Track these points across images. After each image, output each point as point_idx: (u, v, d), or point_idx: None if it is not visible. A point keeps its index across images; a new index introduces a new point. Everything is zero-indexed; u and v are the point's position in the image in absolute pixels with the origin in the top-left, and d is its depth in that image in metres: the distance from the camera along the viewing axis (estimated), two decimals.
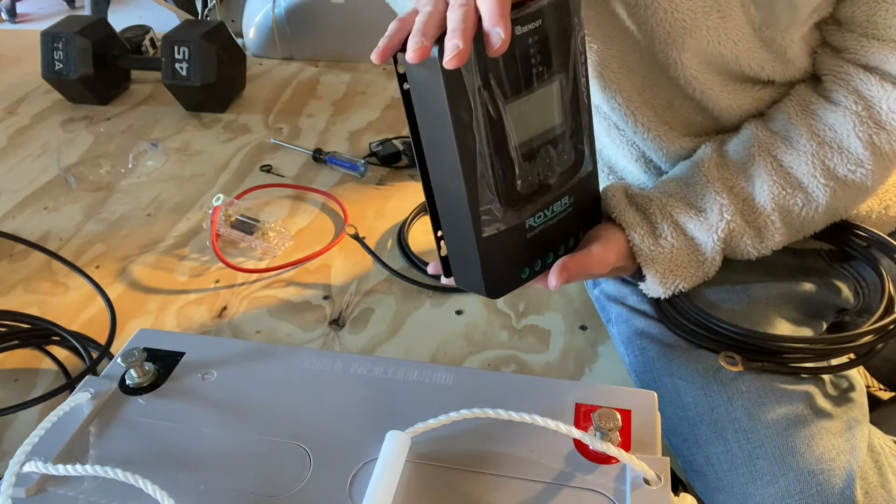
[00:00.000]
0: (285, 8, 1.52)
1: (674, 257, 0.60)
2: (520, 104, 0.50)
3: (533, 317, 0.84)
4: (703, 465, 0.58)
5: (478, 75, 0.47)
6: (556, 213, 0.56)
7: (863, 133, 0.57)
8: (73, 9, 2.42)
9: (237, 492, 0.45)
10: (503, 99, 0.49)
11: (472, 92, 0.47)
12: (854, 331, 0.59)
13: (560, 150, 0.54)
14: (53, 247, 0.99)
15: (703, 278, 0.61)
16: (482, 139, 0.49)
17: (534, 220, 0.54)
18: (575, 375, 0.76)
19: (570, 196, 0.57)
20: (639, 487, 0.43)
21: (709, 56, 0.59)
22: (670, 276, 0.60)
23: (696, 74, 0.60)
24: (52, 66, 1.35)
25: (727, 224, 0.59)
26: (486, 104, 0.48)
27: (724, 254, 0.61)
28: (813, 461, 0.53)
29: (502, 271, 0.55)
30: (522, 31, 0.48)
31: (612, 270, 0.61)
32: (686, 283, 0.61)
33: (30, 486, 0.45)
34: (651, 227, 0.60)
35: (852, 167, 0.57)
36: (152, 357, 0.55)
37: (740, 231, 0.59)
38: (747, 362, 0.58)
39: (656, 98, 0.64)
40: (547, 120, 0.53)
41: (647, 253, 0.59)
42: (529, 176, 0.53)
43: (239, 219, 0.98)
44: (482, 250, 0.52)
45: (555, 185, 0.55)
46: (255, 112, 1.36)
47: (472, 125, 0.48)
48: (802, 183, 0.58)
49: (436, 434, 0.47)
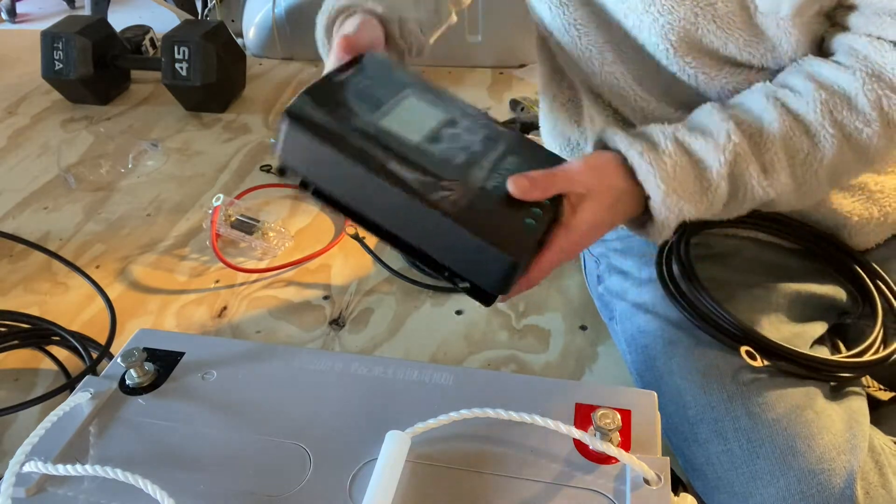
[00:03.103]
0: (285, 8, 1.52)
1: (677, 174, 0.54)
2: (390, 117, 0.53)
3: (533, 317, 0.84)
4: (704, 465, 0.58)
5: (327, 113, 0.51)
6: (511, 170, 0.54)
7: (871, 93, 0.55)
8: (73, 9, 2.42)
9: (237, 492, 0.45)
10: (371, 117, 0.52)
11: (333, 125, 0.50)
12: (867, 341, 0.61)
13: (465, 126, 0.56)
14: (53, 247, 0.99)
15: (708, 209, 0.57)
16: (379, 152, 0.50)
17: (491, 181, 0.52)
18: (575, 375, 0.76)
19: (512, 155, 0.55)
20: (639, 487, 0.43)
21: (698, 43, 0.60)
22: (674, 195, 0.54)
23: (689, 60, 0.61)
24: (52, 66, 1.35)
25: (734, 146, 0.55)
26: (357, 128, 0.51)
27: (730, 184, 0.56)
28: (813, 461, 0.53)
29: (504, 232, 0.50)
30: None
31: (602, 212, 0.55)
32: (692, 207, 0.55)
33: (30, 486, 0.45)
34: (652, 145, 0.55)
35: (860, 125, 0.56)
36: (152, 357, 0.55)
37: (746, 158, 0.55)
38: (767, 360, 0.58)
39: (655, 86, 0.65)
40: (428, 117, 0.55)
41: (646, 168, 0.54)
42: (450, 152, 0.53)
43: (239, 219, 0.98)
44: (467, 224, 0.49)
45: (485, 149, 0.54)
46: (255, 112, 1.36)
47: (359, 148, 0.50)
48: (810, 129, 0.56)
49: (436, 434, 0.47)
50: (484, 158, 0.54)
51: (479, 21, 1.46)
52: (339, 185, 0.51)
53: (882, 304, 0.65)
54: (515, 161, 0.55)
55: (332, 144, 0.50)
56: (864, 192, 0.67)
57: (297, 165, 0.52)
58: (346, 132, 0.51)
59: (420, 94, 0.57)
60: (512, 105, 1.29)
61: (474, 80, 1.44)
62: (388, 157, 0.50)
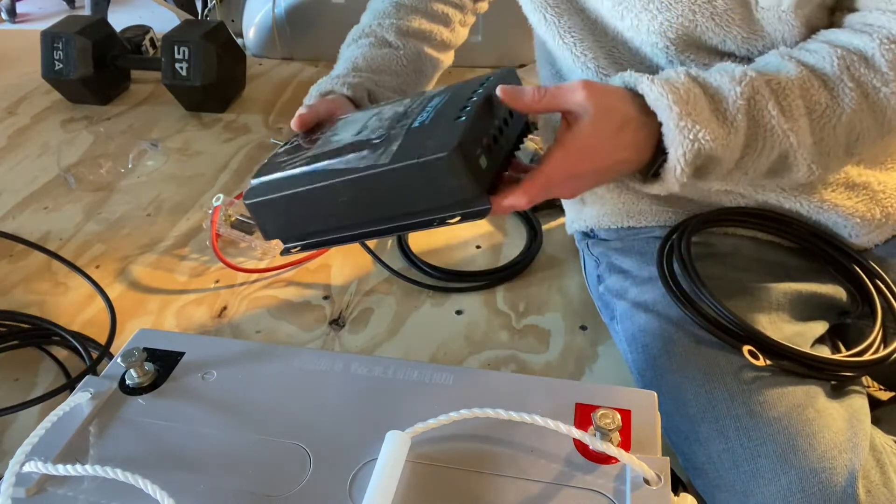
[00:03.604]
0: (285, 8, 1.52)
1: (691, 99, 0.51)
2: (322, 142, 0.57)
3: (533, 317, 0.84)
4: (705, 463, 0.58)
5: (272, 175, 0.55)
6: (434, 107, 0.54)
7: (888, 53, 0.54)
8: (73, 9, 2.42)
9: (237, 492, 0.45)
10: (307, 152, 0.56)
11: (277, 178, 0.55)
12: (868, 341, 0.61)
13: (390, 108, 0.58)
14: (53, 247, 0.99)
15: (726, 144, 0.53)
16: (319, 165, 0.53)
17: (416, 121, 0.52)
18: (575, 375, 0.76)
19: (437, 97, 0.55)
20: (639, 487, 0.43)
21: (697, 40, 0.60)
22: (688, 118, 0.51)
23: (689, 57, 0.61)
24: (52, 66, 1.35)
25: (751, 81, 0.53)
26: (297, 164, 0.55)
27: (748, 122, 0.53)
28: (815, 459, 0.53)
29: (434, 142, 0.49)
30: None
31: (603, 134, 0.51)
32: (709, 133, 0.51)
33: (30, 486, 0.45)
34: (664, 79, 0.53)
35: (878, 84, 0.54)
36: (152, 357, 0.55)
37: (765, 96, 0.53)
38: (769, 359, 0.58)
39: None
40: (357, 121, 0.58)
41: (657, 91, 0.51)
42: (377, 126, 0.55)
43: (239, 219, 0.98)
44: (402, 159, 0.49)
45: (410, 108, 0.55)
46: (255, 112, 1.36)
47: (302, 174, 0.54)
48: (828, 82, 0.55)
49: (436, 434, 0.47)
50: (407, 114, 0.54)
51: (479, 21, 1.45)
52: (312, 218, 0.54)
53: (881, 304, 0.65)
54: (441, 98, 0.54)
55: (280, 191, 0.54)
56: (867, 191, 0.67)
57: (279, 232, 0.57)
58: (288, 174, 0.55)
59: (355, 112, 0.61)
60: None
61: None
62: (324, 163, 0.53)
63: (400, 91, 0.78)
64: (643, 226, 0.74)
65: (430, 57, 0.83)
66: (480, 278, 0.89)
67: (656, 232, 0.73)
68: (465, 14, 0.87)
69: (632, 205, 0.74)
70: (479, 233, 0.98)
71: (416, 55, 0.81)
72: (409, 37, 0.81)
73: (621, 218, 0.75)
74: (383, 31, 0.80)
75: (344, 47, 0.82)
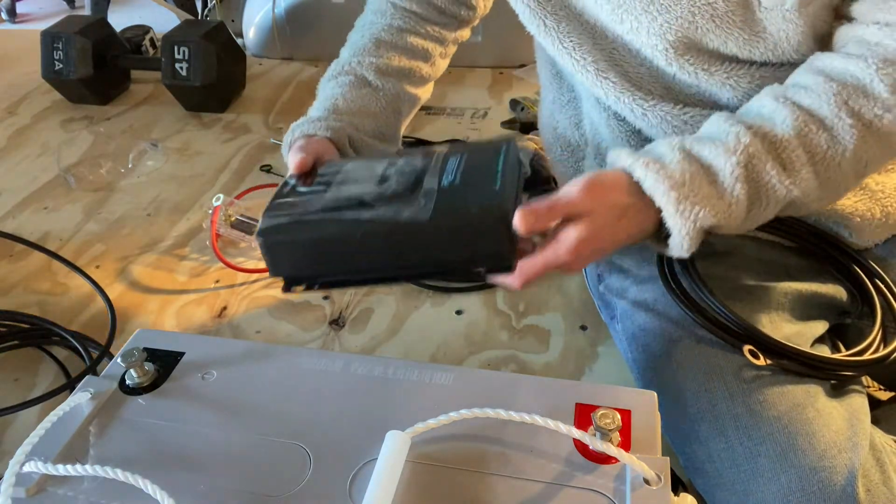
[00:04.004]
0: (285, 8, 1.52)
1: (687, 181, 0.52)
2: (339, 186, 0.60)
3: (533, 317, 0.84)
4: (705, 462, 0.58)
5: (289, 216, 0.57)
6: (455, 164, 0.59)
7: (887, 77, 0.53)
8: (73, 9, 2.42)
9: (237, 492, 0.45)
10: (325, 195, 0.58)
11: (297, 219, 0.56)
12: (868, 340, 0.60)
13: (404, 160, 0.62)
14: (53, 247, 0.99)
15: (728, 216, 0.54)
16: (345, 213, 0.56)
17: (445, 181, 0.57)
18: (575, 375, 0.76)
19: (452, 156, 0.60)
20: (639, 487, 0.43)
21: (698, 43, 0.60)
22: (686, 201, 0.52)
23: (689, 59, 0.61)
24: (52, 66, 1.35)
25: (745, 148, 0.53)
26: (318, 209, 0.57)
27: (748, 188, 0.54)
28: (815, 458, 0.53)
29: (476, 205, 0.54)
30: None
31: (600, 230, 0.53)
32: (709, 211, 0.52)
33: (30, 485, 0.45)
34: (657, 157, 0.54)
35: (879, 112, 0.53)
36: (152, 357, 0.55)
37: (762, 158, 0.53)
38: (770, 359, 0.58)
39: (654, 87, 0.65)
40: (371, 169, 0.62)
41: (653, 178, 0.52)
42: (401, 179, 0.58)
43: (239, 219, 0.98)
44: (445, 217, 0.52)
45: (426, 164, 0.60)
46: (255, 112, 1.36)
47: (328, 220, 0.55)
48: (826, 122, 0.54)
49: (436, 434, 0.47)
50: (429, 171, 0.58)
51: (480, 21, 1.45)
52: (333, 262, 0.55)
53: (881, 304, 0.65)
54: (456, 160, 0.59)
55: (306, 234, 0.55)
56: (865, 191, 0.67)
57: (292, 272, 0.56)
58: (311, 218, 0.56)
59: (359, 162, 0.64)
60: (512, 105, 1.29)
61: (474, 80, 1.45)
62: (354, 211, 0.55)
63: (378, 134, 0.80)
64: None
65: (408, 95, 0.84)
66: (480, 278, 0.89)
67: None
68: (445, 47, 0.88)
69: None
70: None
71: (394, 97, 0.82)
72: (389, 76, 0.81)
73: None
74: (363, 69, 0.80)
75: (324, 81, 0.83)
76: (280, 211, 0.58)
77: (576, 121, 0.79)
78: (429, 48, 0.85)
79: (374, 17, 0.85)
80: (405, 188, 0.57)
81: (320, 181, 0.61)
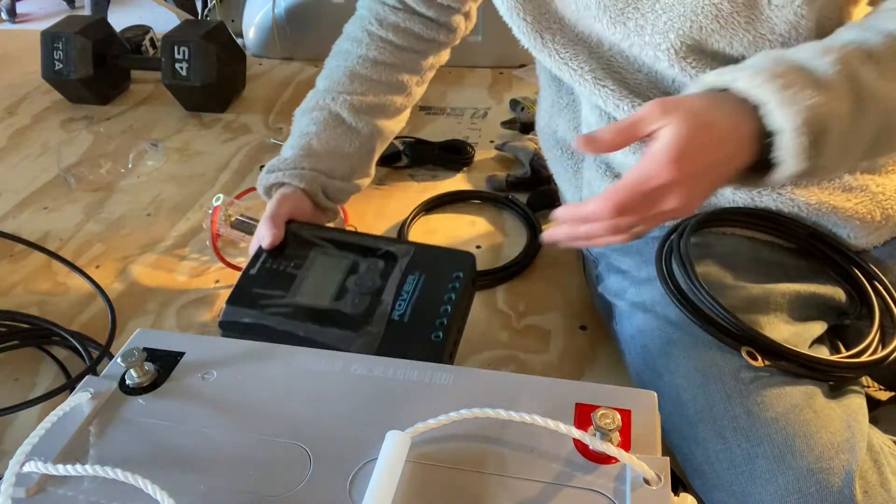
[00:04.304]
0: (285, 8, 1.52)
1: (784, 73, 0.47)
2: (300, 291, 0.68)
3: (533, 317, 0.84)
4: (703, 464, 0.58)
5: (250, 313, 0.67)
6: (409, 292, 0.67)
7: None
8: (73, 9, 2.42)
9: (237, 492, 0.45)
10: (285, 297, 0.67)
11: (257, 319, 0.66)
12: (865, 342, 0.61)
13: (366, 267, 0.70)
14: (53, 247, 0.99)
15: (836, 110, 0.48)
16: (299, 326, 0.65)
17: (396, 312, 0.65)
18: (575, 375, 0.76)
19: (411, 274, 0.68)
20: (639, 487, 0.43)
21: (701, 44, 0.60)
22: (790, 90, 0.46)
23: (691, 62, 0.61)
24: (52, 66, 1.35)
25: (840, 50, 0.49)
26: (277, 313, 0.66)
27: (850, 86, 0.48)
28: (812, 460, 0.53)
29: (417, 349, 0.63)
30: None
31: (694, 131, 0.47)
32: (818, 96, 0.46)
33: (30, 486, 0.45)
34: (745, 66, 0.49)
35: None
36: (152, 357, 0.55)
37: (861, 59, 0.49)
38: (768, 360, 0.58)
39: (652, 94, 0.65)
40: (332, 276, 0.69)
41: (747, 76, 0.47)
42: (357, 301, 0.67)
43: (239, 219, 0.98)
44: (388, 353, 0.56)
45: (385, 283, 0.68)
46: (255, 112, 1.36)
47: (283, 330, 0.65)
48: None
49: (436, 434, 0.47)
50: (385, 292, 0.66)
51: (479, 21, 1.45)
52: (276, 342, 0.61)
53: (879, 305, 0.65)
54: (413, 280, 0.67)
55: (261, 335, 0.64)
56: (866, 193, 0.67)
57: (237, 335, 0.65)
58: (268, 323, 0.65)
59: (325, 255, 0.71)
60: (512, 105, 1.30)
61: (474, 80, 1.45)
62: (308, 325, 0.64)
63: (351, 174, 0.82)
64: None
65: (383, 130, 0.85)
66: (480, 278, 0.89)
67: (654, 232, 0.73)
68: (422, 75, 0.87)
69: None
70: (479, 233, 0.98)
71: (368, 135, 0.83)
72: (363, 113, 0.82)
73: None
74: (337, 107, 0.81)
75: (299, 114, 0.83)
76: (242, 303, 0.67)
77: (574, 125, 0.79)
78: (405, 80, 0.85)
79: (350, 46, 0.84)
80: (359, 311, 0.65)
81: (288, 267, 0.69)
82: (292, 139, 0.81)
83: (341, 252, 0.71)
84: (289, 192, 0.76)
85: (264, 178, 0.79)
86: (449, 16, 0.84)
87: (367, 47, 0.82)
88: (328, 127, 0.80)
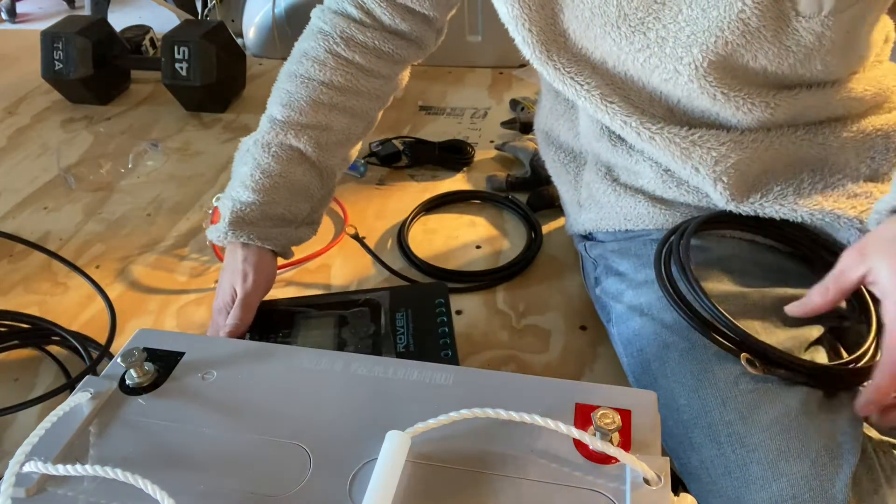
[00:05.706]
0: (285, 8, 1.52)
1: None
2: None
3: (533, 317, 0.84)
4: (698, 469, 0.58)
5: None
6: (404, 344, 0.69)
7: None
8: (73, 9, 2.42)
9: (237, 492, 0.45)
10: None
11: None
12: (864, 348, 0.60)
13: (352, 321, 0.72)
14: (53, 247, 0.99)
15: None
16: None
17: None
18: (575, 375, 0.76)
19: (394, 322, 0.71)
20: (639, 487, 0.43)
21: (724, 60, 0.59)
22: None
23: (711, 80, 0.60)
24: (52, 66, 1.35)
25: None
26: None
27: None
28: (806, 466, 0.53)
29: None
30: None
31: None
32: None
33: (30, 486, 0.45)
34: None
35: None
36: (152, 357, 0.55)
37: None
38: (766, 367, 0.58)
39: (658, 111, 0.65)
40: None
41: None
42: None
43: None
44: None
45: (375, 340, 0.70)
46: (255, 112, 1.36)
47: None
48: None
49: (436, 434, 0.47)
50: (382, 332, 0.69)
51: (479, 21, 1.46)
52: None
53: (877, 311, 0.64)
54: (402, 316, 0.70)
55: None
56: (869, 199, 0.67)
57: None
58: None
59: (309, 319, 0.72)
60: (512, 105, 1.30)
61: (474, 80, 1.45)
62: None
63: (310, 218, 0.82)
64: (641, 229, 0.74)
65: (344, 161, 0.83)
66: (480, 278, 0.89)
67: (654, 235, 0.73)
68: (387, 100, 0.84)
69: (630, 209, 0.73)
70: (479, 233, 0.98)
71: (331, 172, 0.81)
72: (327, 149, 0.78)
73: (619, 221, 0.75)
74: (300, 143, 0.76)
75: (256, 145, 0.79)
76: None
77: (574, 133, 0.79)
78: (369, 108, 0.81)
79: (311, 68, 0.77)
80: (367, 353, 0.66)
81: (277, 339, 0.71)
82: (249, 179, 0.77)
83: (322, 312, 0.73)
84: (259, 258, 0.75)
85: (223, 231, 0.74)
86: (423, 29, 0.79)
87: (332, 71, 0.76)
88: (292, 164, 0.76)
